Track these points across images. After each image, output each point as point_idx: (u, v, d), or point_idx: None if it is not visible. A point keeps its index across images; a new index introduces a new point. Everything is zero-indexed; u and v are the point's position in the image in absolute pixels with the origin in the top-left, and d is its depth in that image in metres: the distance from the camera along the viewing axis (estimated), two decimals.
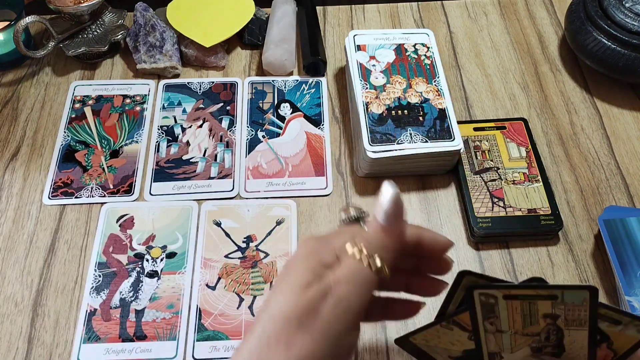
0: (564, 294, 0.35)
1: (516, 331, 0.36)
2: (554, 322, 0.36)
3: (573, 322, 0.35)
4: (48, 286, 0.55)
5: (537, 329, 0.36)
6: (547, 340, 0.36)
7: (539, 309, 0.35)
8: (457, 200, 0.61)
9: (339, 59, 0.74)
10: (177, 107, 0.68)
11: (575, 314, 0.35)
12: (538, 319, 0.36)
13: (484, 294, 0.35)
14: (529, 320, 0.36)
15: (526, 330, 0.36)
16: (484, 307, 0.36)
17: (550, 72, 0.72)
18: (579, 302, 0.35)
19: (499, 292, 0.35)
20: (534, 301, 0.35)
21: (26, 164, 0.64)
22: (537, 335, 0.36)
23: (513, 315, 0.36)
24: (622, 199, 0.61)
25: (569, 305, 0.35)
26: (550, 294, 0.35)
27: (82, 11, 0.69)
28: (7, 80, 0.71)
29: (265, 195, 0.61)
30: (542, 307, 0.35)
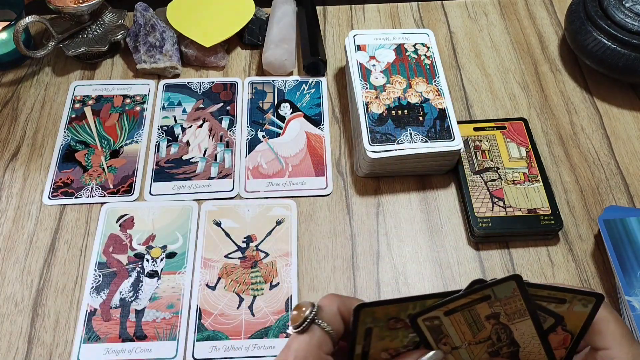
0: (493, 290, 0.35)
1: (469, 342, 0.36)
2: (498, 321, 0.36)
3: (514, 314, 0.36)
4: (48, 286, 0.55)
5: (486, 333, 0.36)
6: (500, 340, 0.36)
7: (480, 312, 0.35)
8: (457, 200, 0.61)
9: (339, 59, 0.74)
10: (177, 107, 0.68)
11: (513, 307, 0.36)
12: (483, 323, 0.36)
13: (427, 318, 0.35)
14: (475, 328, 0.36)
15: (477, 338, 0.36)
16: (432, 331, 0.36)
17: (550, 72, 0.73)
18: (509, 293, 0.35)
19: (440, 312, 0.35)
20: (473, 307, 0.35)
21: (26, 164, 0.64)
22: (489, 339, 0.36)
23: (460, 327, 0.36)
24: (622, 199, 0.61)
25: (504, 300, 0.35)
26: (483, 295, 0.35)
27: (82, 11, 0.69)
28: (7, 80, 0.71)
29: (265, 195, 0.61)
30: (482, 311, 0.35)
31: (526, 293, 0.35)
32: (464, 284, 0.56)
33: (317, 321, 0.33)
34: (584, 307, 0.37)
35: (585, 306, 0.36)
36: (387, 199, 0.61)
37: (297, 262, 0.57)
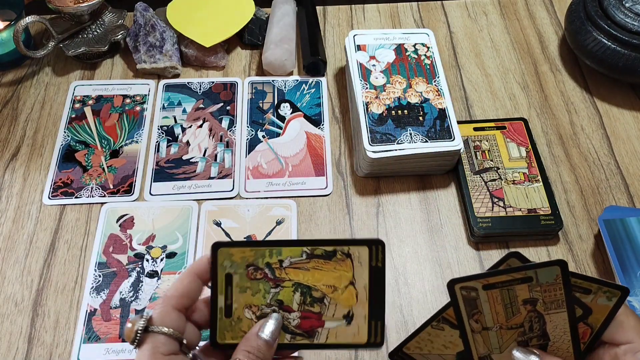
0: (537, 273, 0.35)
1: (501, 325, 0.36)
2: (534, 308, 0.36)
3: (551, 304, 0.36)
4: (48, 286, 0.55)
5: (519, 319, 0.36)
6: (532, 330, 0.36)
7: (518, 295, 0.36)
8: (457, 200, 0.61)
9: (339, 59, 0.74)
10: (177, 107, 0.68)
11: (552, 295, 0.36)
12: (519, 307, 0.36)
13: (464, 287, 0.35)
14: (510, 310, 0.36)
15: (510, 322, 0.36)
16: (466, 302, 0.36)
17: (550, 72, 0.73)
18: (552, 280, 0.35)
19: (478, 283, 0.35)
20: (512, 287, 0.35)
21: (26, 164, 0.64)
22: (521, 326, 0.36)
23: (495, 306, 0.36)
24: (622, 199, 0.61)
25: (544, 286, 0.35)
26: (525, 276, 0.35)
27: (82, 11, 0.69)
28: (7, 80, 0.71)
29: (265, 195, 0.61)
30: (521, 293, 0.36)
31: (569, 282, 0.35)
32: None
33: (150, 329, 0.34)
34: (608, 301, 0.36)
35: (609, 299, 0.36)
36: (387, 199, 0.61)
37: None
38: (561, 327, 0.36)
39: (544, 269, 0.35)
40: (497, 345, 0.37)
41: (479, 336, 0.37)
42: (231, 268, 0.36)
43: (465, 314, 0.36)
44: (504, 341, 0.37)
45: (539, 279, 0.35)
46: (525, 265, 0.35)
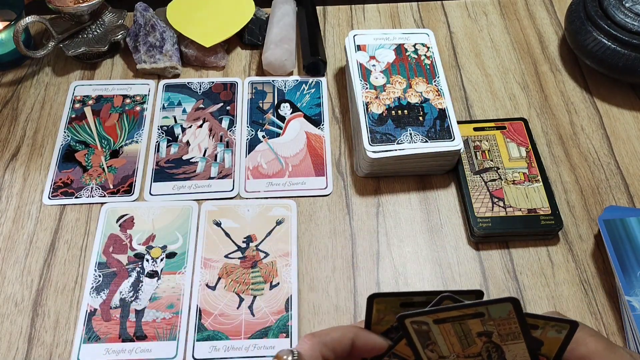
0: (488, 309, 0.34)
1: (457, 355, 0.35)
2: (490, 340, 0.35)
3: (507, 336, 0.34)
4: (48, 286, 0.55)
5: (476, 349, 0.35)
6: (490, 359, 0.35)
7: (472, 328, 0.34)
8: (457, 200, 0.61)
9: (339, 59, 0.74)
10: (177, 107, 0.68)
11: (506, 328, 0.34)
12: (474, 339, 0.35)
13: (415, 322, 0.34)
14: (465, 341, 0.35)
15: (467, 352, 0.35)
16: (419, 335, 0.35)
17: (550, 72, 0.73)
18: (505, 315, 0.34)
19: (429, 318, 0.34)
20: (464, 321, 0.34)
21: (26, 164, 0.64)
22: (479, 355, 0.35)
23: (449, 338, 0.35)
24: (622, 199, 0.61)
25: (498, 320, 0.34)
26: (476, 311, 0.34)
27: (82, 11, 0.69)
28: (7, 80, 0.71)
29: (265, 195, 0.61)
30: (474, 327, 0.34)
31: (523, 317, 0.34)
32: (464, 284, 0.56)
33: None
34: (558, 333, 0.36)
35: (559, 332, 0.36)
36: (387, 199, 0.61)
37: (297, 262, 0.57)
38: (521, 356, 0.35)
39: (495, 306, 0.34)
40: None
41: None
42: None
43: (419, 345, 0.35)
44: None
45: (491, 314, 0.34)
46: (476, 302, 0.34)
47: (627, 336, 0.52)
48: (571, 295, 0.55)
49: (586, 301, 0.55)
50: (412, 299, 0.35)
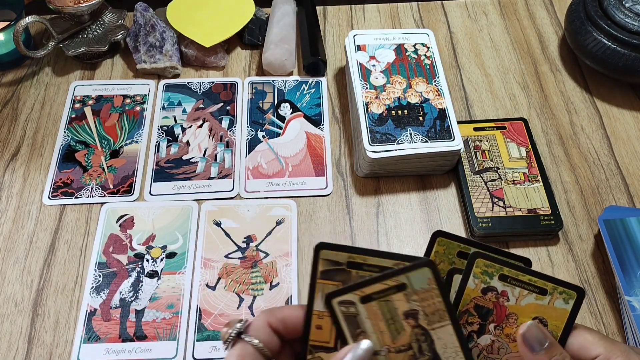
0: (409, 277, 0.33)
1: (388, 347, 0.34)
2: (418, 323, 0.34)
3: (433, 315, 0.34)
4: (48, 286, 0.55)
5: (406, 338, 0.34)
6: (421, 352, 0.34)
7: (397, 307, 0.34)
8: (457, 200, 0.61)
9: (339, 59, 0.74)
10: (177, 107, 0.68)
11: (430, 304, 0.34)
12: (402, 323, 0.34)
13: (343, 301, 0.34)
14: (394, 328, 0.34)
15: (397, 343, 0.34)
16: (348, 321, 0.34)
17: (550, 72, 0.73)
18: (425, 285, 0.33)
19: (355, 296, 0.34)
20: (389, 297, 0.34)
21: (26, 164, 0.64)
22: (409, 348, 0.34)
23: (378, 324, 0.34)
24: (622, 199, 0.61)
25: (421, 293, 0.33)
26: (398, 282, 0.33)
27: (82, 11, 0.69)
28: (7, 80, 0.71)
29: (265, 195, 0.61)
30: (399, 304, 0.34)
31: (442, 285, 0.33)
32: None
33: (243, 336, 0.34)
34: (565, 304, 0.35)
35: (567, 302, 0.35)
36: (387, 199, 0.61)
37: (297, 262, 0.57)
38: (451, 344, 0.34)
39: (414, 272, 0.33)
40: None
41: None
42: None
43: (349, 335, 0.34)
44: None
45: (412, 284, 0.33)
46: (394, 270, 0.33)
47: (627, 336, 0.52)
48: None
49: (586, 301, 0.55)
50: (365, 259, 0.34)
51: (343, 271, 0.35)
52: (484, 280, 0.35)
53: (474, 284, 0.36)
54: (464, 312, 0.36)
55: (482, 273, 0.35)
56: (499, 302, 0.36)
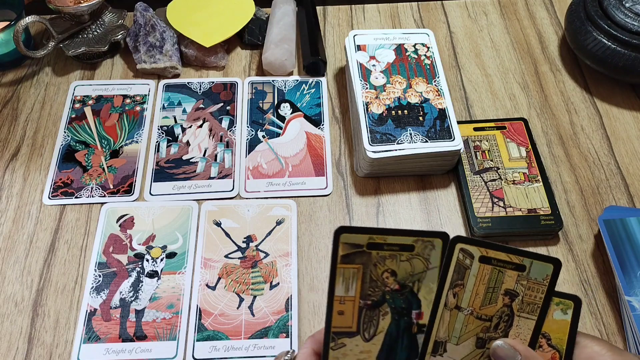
0: (532, 264, 0.35)
1: (473, 309, 0.36)
2: (510, 304, 0.35)
3: (527, 306, 0.35)
4: (48, 286, 0.55)
5: (492, 310, 0.36)
6: (496, 329, 0.36)
7: (505, 281, 0.35)
8: (457, 200, 0.61)
9: (339, 59, 0.74)
10: (177, 107, 0.68)
11: (532, 295, 0.35)
12: (498, 296, 0.35)
13: (465, 249, 0.35)
14: (489, 296, 0.35)
15: (482, 311, 0.36)
16: (457, 268, 0.35)
17: (550, 72, 0.73)
18: (541, 278, 0.35)
19: (478, 251, 0.35)
20: (504, 270, 0.35)
21: (26, 164, 0.64)
22: (489, 320, 0.36)
23: (479, 285, 0.35)
24: (622, 199, 0.61)
25: (531, 282, 0.35)
26: (520, 262, 0.35)
27: (82, 11, 0.69)
28: (7, 80, 0.71)
29: (265, 195, 0.61)
30: (508, 280, 0.35)
31: (553, 287, 0.35)
32: None
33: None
34: (564, 314, 0.36)
35: (565, 312, 0.36)
36: (387, 199, 0.61)
37: (297, 262, 0.57)
38: (523, 337, 0.36)
39: (539, 263, 0.35)
40: (458, 335, 0.36)
41: (448, 314, 0.36)
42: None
43: (449, 280, 0.35)
44: (466, 331, 0.36)
45: (531, 271, 0.35)
46: (526, 252, 0.35)
47: (627, 336, 0.52)
48: None
49: (586, 301, 0.55)
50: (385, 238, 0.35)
51: (363, 253, 0.35)
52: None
53: None
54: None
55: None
56: None
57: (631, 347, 0.51)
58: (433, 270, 0.35)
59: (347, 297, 0.35)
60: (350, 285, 0.35)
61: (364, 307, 0.36)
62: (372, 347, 0.36)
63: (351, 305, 0.35)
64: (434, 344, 0.36)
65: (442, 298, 0.36)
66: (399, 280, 0.35)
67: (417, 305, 0.36)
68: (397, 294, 0.36)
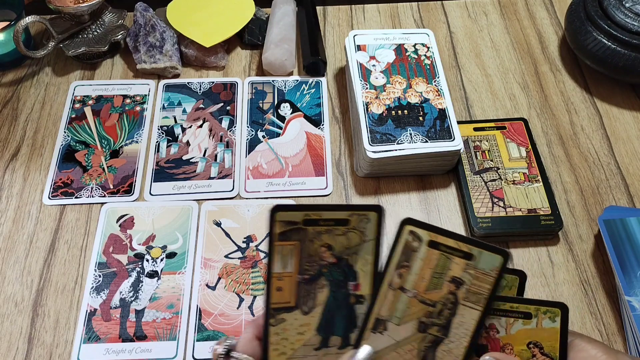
0: (481, 254, 0.35)
1: (417, 293, 0.36)
2: (456, 292, 0.36)
3: (472, 295, 0.35)
4: (48, 286, 0.55)
5: (436, 296, 0.36)
6: (440, 315, 0.36)
7: (451, 268, 0.35)
8: (457, 200, 0.61)
9: (339, 59, 0.74)
10: (177, 107, 0.68)
11: (479, 286, 0.35)
12: (444, 282, 0.36)
13: (414, 232, 0.35)
14: (435, 282, 0.36)
15: (426, 295, 0.36)
16: (405, 250, 0.36)
17: (550, 72, 0.73)
18: (489, 269, 0.35)
19: (427, 235, 0.35)
20: (451, 256, 0.35)
21: (26, 164, 0.64)
22: (433, 305, 0.36)
23: (425, 270, 0.35)
24: (622, 199, 0.61)
25: (479, 272, 0.35)
26: (469, 251, 0.35)
27: (82, 11, 0.69)
28: (7, 80, 0.71)
29: (266, 195, 0.61)
30: (455, 268, 0.35)
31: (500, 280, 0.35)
32: None
33: (232, 354, 0.35)
34: (552, 322, 0.36)
35: (553, 320, 0.36)
36: (387, 199, 0.61)
37: None
38: (466, 327, 0.35)
39: (488, 254, 0.35)
40: (400, 315, 0.36)
41: (392, 294, 0.36)
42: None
43: (396, 261, 0.36)
44: (408, 313, 0.36)
45: (479, 261, 0.35)
46: (476, 241, 0.35)
47: (627, 336, 0.52)
48: (571, 295, 0.55)
49: (586, 301, 0.55)
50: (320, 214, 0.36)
51: (299, 230, 0.36)
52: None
53: None
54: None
55: None
56: (490, 335, 0.37)
57: (631, 347, 0.51)
58: (369, 243, 0.36)
59: (285, 273, 0.36)
60: (288, 262, 0.36)
61: (302, 281, 0.36)
62: (311, 320, 0.36)
63: (289, 281, 0.36)
64: (375, 321, 0.36)
65: (387, 277, 0.36)
66: (335, 253, 0.36)
67: (354, 277, 0.36)
68: (334, 267, 0.36)
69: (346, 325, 0.36)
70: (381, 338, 0.36)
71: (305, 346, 0.36)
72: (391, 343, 0.36)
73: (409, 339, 0.36)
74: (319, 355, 0.36)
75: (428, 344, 0.36)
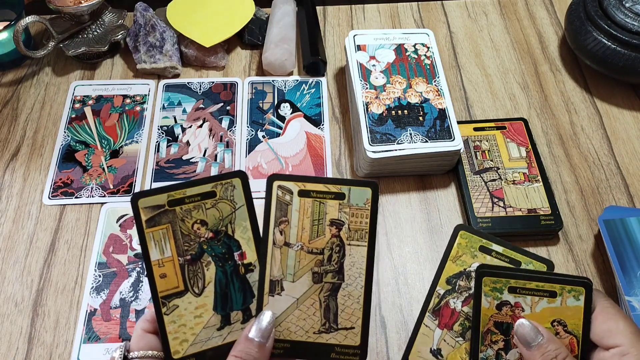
0: (350, 190, 0.35)
1: (302, 245, 0.36)
2: (339, 234, 0.36)
3: (355, 233, 0.36)
4: (48, 286, 0.55)
5: (322, 243, 0.36)
6: (330, 261, 0.36)
7: (328, 212, 0.35)
8: (457, 200, 0.61)
9: (339, 59, 0.74)
10: (177, 107, 0.68)
11: (358, 222, 0.35)
12: (325, 227, 0.36)
13: (283, 186, 0.35)
14: (316, 229, 0.36)
15: (312, 245, 0.36)
16: (279, 206, 0.35)
17: (550, 72, 0.73)
18: (362, 203, 0.35)
19: (296, 186, 0.35)
20: (325, 200, 0.35)
21: (26, 164, 0.64)
22: (321, 253, 0.36)
23: (303, 220, 0.35)
24: (622, 199, 0.61)
25: (354, 209, 0.35)
26: (339, 190, 0.35)
27: (82, 11, 0.69)
28: (7, 80, 0.71)
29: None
30: (331, 210, 0.35)
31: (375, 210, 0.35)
32: None
33: (128, 356, 0.35)
34: (577, 300, 0.36)
35: (577, 299, 0.36)
36: (387, 199, 0.61)
37: None
38: (358, 265, 0.36)
39: (357, 188, 0.35)
40: (292, 272, 0.36)
41: (278, 252, 0.36)
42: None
43: (273, 218, 0.36)
44: (300, 267, 0.36)
45: (350, 197, 0.35)
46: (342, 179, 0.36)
47: None
48: None
49: None
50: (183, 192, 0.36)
51: (166, 212, 0.36)
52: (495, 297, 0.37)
53: (488, 302, 0.37)
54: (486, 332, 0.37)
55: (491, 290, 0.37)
56: (515, 314, 0.37)
57: None
58: (241, 209, 0.36)
59: (165, 258, 0.36)
60: (164, 247, 0.35)
61: (185, 263, 0.36)
62: (205, 300, 0.36)
63: (171, 266, 0.36)
64: (270, 284, 0.36)
65: (270, 236, 0.36)
66: (210, 228, 0.36)
67: (237, 247, 0.36)
68: (213, 242, 0.36)
69: (243, 298, 0.36)
70: (280, 300, 0.36)
71: (207, 328, 0.36)
72: (292, 302, 0.36)
73: (307, 293, 0.36)
74: (223, 334, 0.36)
75: (327, 292, 0.36)
